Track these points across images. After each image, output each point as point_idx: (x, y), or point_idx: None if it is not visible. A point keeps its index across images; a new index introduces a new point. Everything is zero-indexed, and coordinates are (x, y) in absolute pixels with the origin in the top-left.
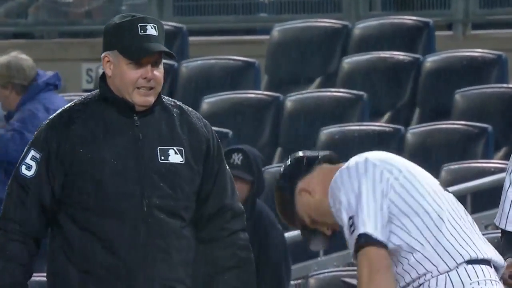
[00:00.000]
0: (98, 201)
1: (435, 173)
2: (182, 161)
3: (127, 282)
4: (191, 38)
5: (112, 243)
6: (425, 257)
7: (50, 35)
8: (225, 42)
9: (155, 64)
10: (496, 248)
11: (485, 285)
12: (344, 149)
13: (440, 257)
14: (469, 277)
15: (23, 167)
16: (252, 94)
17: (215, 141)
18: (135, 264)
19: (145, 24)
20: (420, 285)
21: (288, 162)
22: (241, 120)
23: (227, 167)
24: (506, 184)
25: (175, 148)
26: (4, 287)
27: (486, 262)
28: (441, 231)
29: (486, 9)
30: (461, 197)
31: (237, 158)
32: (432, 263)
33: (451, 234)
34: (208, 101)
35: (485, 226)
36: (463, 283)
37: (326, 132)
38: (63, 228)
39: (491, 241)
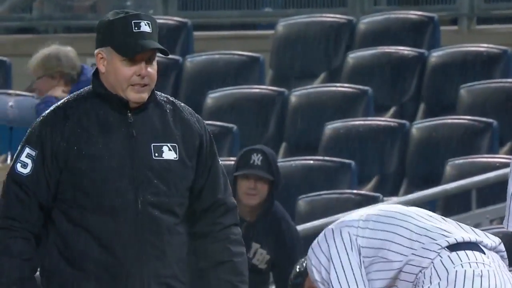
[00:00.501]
0: (92, 198)
1: (440, 168)
2: (176, 158)
3: (122, 279)
4: (196, 33)
5: (107, 240)
6: (411, 264)
7: (55, 30)
8: (230, 37)
9: (149, 61)
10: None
11: (470, 267)
12: (349, 144)
13: (421, 256)
14: (453, 262)
15: (19, 165)
16: (256, 89)
17: (207, 136)
18: (129, 261)
19: (139, 21)
20: (415, 286)
21: (293, 270)
22: (245, 115)
23: (220, 162)
24: (510, 188)
25: (169, 144)
26: (14, 283)
27: (472, 247)
28: (412, 239)
29: (491, 3)
30: (466, 192)
31: (257, 158)
32: (417, 265)
33: (423, 235)
34: (213, 96)
35: (490, 221)
36: (447, 270)
37: (331, 127)
38: (57, 224)
39: (497, 235)
